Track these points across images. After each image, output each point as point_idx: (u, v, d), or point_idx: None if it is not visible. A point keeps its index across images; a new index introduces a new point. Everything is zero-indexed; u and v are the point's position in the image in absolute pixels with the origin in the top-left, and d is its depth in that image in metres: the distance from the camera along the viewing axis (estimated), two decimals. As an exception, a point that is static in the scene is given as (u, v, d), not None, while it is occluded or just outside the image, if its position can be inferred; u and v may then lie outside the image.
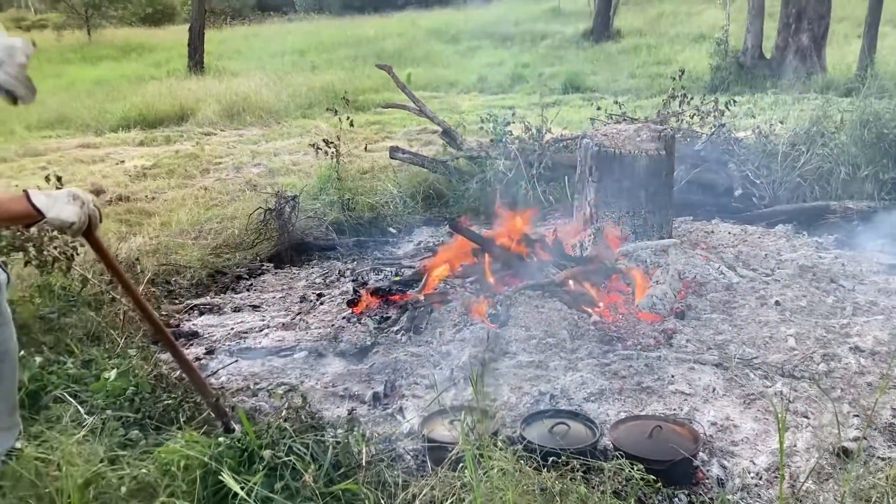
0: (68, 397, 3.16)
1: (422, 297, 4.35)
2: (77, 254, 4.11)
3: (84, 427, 2.88)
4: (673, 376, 3.55)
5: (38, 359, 3.39)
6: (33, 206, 2.24)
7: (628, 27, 21.23)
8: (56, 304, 3.93)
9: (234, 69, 18.93)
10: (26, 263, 3.95)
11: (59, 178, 4.14)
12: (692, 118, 7.23)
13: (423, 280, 4.59)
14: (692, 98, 7.25)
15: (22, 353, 3.26)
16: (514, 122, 7.09)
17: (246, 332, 4.26)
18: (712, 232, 5.73)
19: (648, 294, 4.26)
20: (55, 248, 4.01)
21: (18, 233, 3.86)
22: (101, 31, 32.00)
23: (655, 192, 4.93)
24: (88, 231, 2.42)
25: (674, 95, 7.19)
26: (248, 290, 5.16)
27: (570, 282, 4.37)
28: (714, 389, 3.43)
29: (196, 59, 19.26)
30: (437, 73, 17.22)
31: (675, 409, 3.27)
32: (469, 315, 4.10)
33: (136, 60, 24.01)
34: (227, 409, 3.19)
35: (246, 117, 12.72)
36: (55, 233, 4.02)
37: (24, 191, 2.28)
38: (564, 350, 3.83)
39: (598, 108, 7.75)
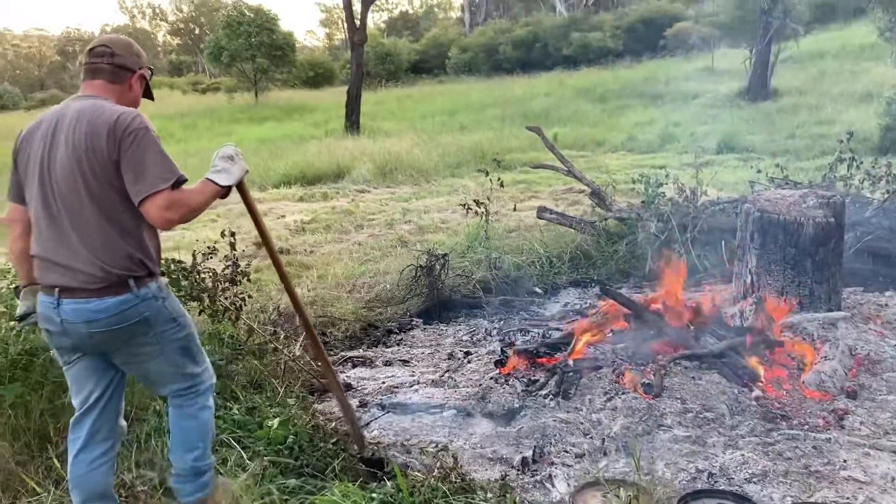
0: (233, 442, 3.34)
1: (571, 362, 4.28)
2: (245, 304, 4.38)
3: (247, 472, 3.03)
4: (845, 461, 3.28)
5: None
6: (219, 185, 2.63)
7: (786, 86, 20.44)
8: (224, 351, 4.18)
9: (388, 129, 19.79)
10: (200, 312, 4.24)
11: (232, 234, 4.45)
12: (862, 183, 6.80)
13: (572, 343, 4.52)
14: (861, 161, 6.83)
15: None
16: (666, 183, 6.94)
17: (396, 387, 4.34)
18: (886, 305, 5.31)
19: (816, 370, 3.99)
20: (226, 298, 4.29)
21: (196, 283, 4.17)
22: (267, 94, 34.50)
23: (822, 262, 4.65)
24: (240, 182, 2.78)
25: (841, 158, 6.80)
26: (398, 344, 5.28)
27: (730, 353, 4.17)
28: (894, 479, 3.14)
29: (352, 120, 20.28)
30: (584, 133, 17.24)
31: (848, 498, 3.01)
32: (621, 383, 3.99)
33: (297, 120, 25.62)
34: (378, 457, 3.28)
35: (398, 176, 13.21)
36: (227, 284, 4.32)
37: (206, 178, 2.63)
38: (723, 426, 3.64)
39: (759, 172, 7.45)
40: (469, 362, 4.73)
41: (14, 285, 3.21)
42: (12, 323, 3.79)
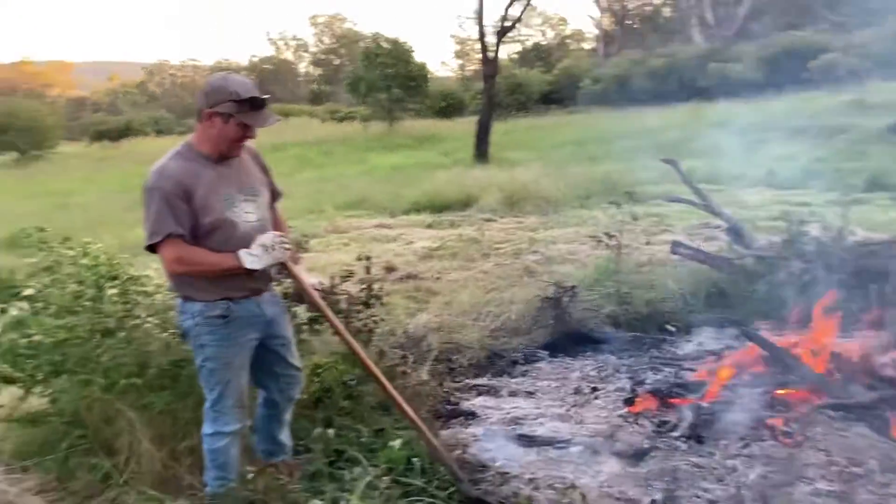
0: (363, 459, 3.42)
1: (705, 404, 4.11)
2: (377, 327, 4.49)
3: (377, 491, 3.09)
4: None
5: (331, 431, 3.70)
6: (242, 264, 3.01)
7: (948, 121, 18.98)
8: (355, 372, 4.29)
9: (516, 159, 19.85)
10: (333, 333, 4.38)
11: (368, 258, 4.59)
12: None
13: (707, 385, 4.34)
14: None
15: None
16: (810, 221, 6.57)
17: (521, 419, 4.31)
18: None
19: (982, 430, 3.64)
20: (359, 321, 4.42)
21: (332, 305, 4.31)
22: (400, 123, 35.49)
23: None
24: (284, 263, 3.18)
25: None
26: (523, 375, 5.24)
27: (881, 405, 3.88)
28: None
29: (481, 149, 20.53)
30: (720, 166, 16.60)
31: None
32: (759, 429, 3.79)
33: (428, 149, 26.19)
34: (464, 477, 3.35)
35: (525, 205, 13.21)
36: (360, 307, 4.45)
37: (238, 252, 3.03)
38: (873, 483, 3.38)
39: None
40: (596, 398, 4.64)
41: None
42: (163, 335, 4.06)
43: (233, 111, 2.98)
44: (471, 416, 4.41)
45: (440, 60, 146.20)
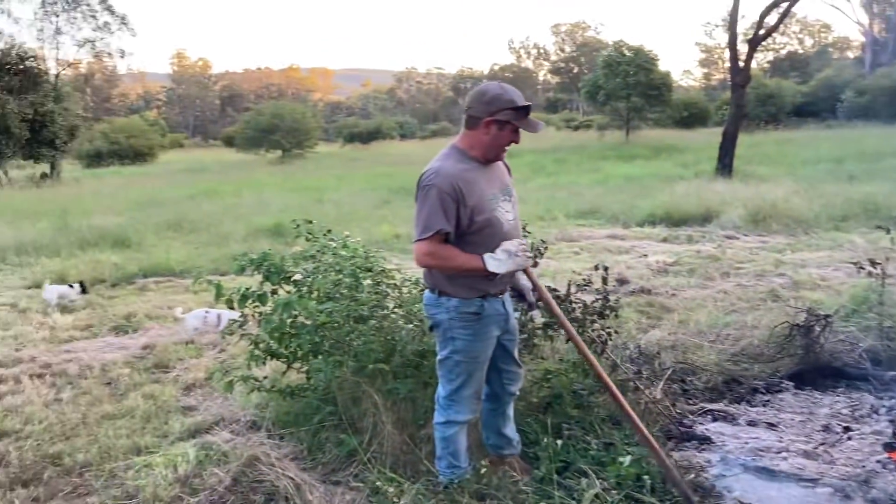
0: (591, 473, 3.40)
1: None
2: (611, 339, 4.44)
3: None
4: None
5: (559, 441, 3.71)
6: (485, 267, 3.13)
7: None
8: (587, 382, 4.27)
9: (763, 174, 18.67)
10: (567, 341, 4.40)
11: (605, 268, 4.55)
12: None
13: None
14: None
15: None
16: None
17: (762, 451, 4.04)
18: None
19: None
20: (593, 331, 4.39)
21: (567, 312, 4.33)
22: (637, 132, 34.77)
23: None
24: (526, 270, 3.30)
25: None
26: (764, 405, 4.91)
27: None
28: None
29: (725, 162, 19.53)
30: None
31: None
32: None
33: (666, 160, 25.40)
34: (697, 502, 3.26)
35: (772, 224, 12.37)
36: (594, 317, 4.43)
37: (483, 256, 3.15)
38: None
39: None
40: (849, 439, 4.23)
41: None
42: (408, 326, 4.32)
43: (510, 118, 3.15)
44: (705, 441, 4.22)
45: (682, 69, 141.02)
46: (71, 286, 8.56)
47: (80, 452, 4.23)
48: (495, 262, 3.13)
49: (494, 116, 3.15)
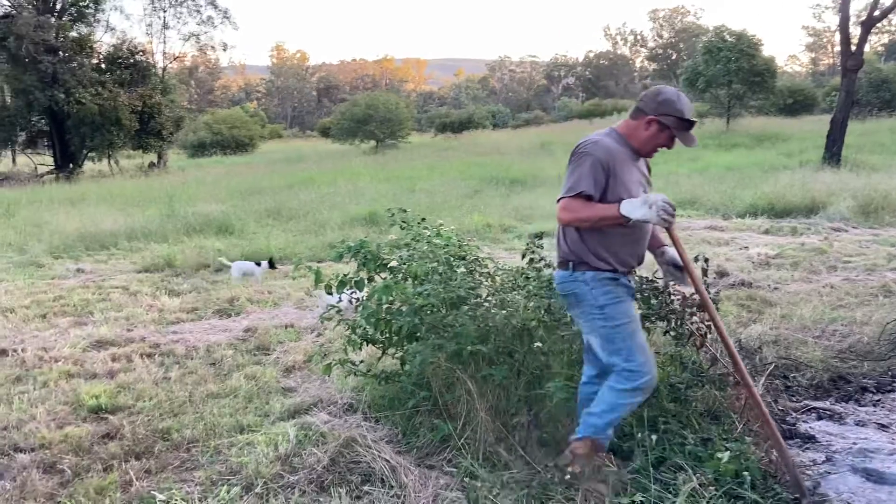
0: (688, 468, 3.33)
1: None
2: (710, 333, 4.31)
3: (704, 500, 3.00)
4: None
5: (654, 437, 3.62)
6: (619, 212, 3.17)
7: None
8: (684, 376, 4.18)
9: (875, 163, 17.73)
10: (665, 333, 4.30)
11: (706, 260, 4.41)
12: None
13: None
14: None
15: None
16: None
17: (871, 452, 3.86)
18: None
19: None
20: (692, 323, 4.28)
21: (665, 304, 4.24)
22: (738, 120, 33.53)
23: None
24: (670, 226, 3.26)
25: None
26: (874, 404, 4.68)
27: None
28: None
29: (833, 151, 18.64)
30: None
31: None
32: None
33: (768, 149, 24.44)
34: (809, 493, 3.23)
35: (885, 216, 11.75)
36: (694, 309, 4.31)
37: (617, 202, 3.20)
38: None
39: None
40: (967, 443, 3.99)
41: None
42: (502, 312, 4.31)
43: (672, 125, 3.30)
44: (809, 439, 4.07)
45: (788, 55, 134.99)
46: (258, 264, 9.15)
47: (187, 429, 4.44)
48: (630, 205, 3.17)
49: (659, 117, 3.29)
